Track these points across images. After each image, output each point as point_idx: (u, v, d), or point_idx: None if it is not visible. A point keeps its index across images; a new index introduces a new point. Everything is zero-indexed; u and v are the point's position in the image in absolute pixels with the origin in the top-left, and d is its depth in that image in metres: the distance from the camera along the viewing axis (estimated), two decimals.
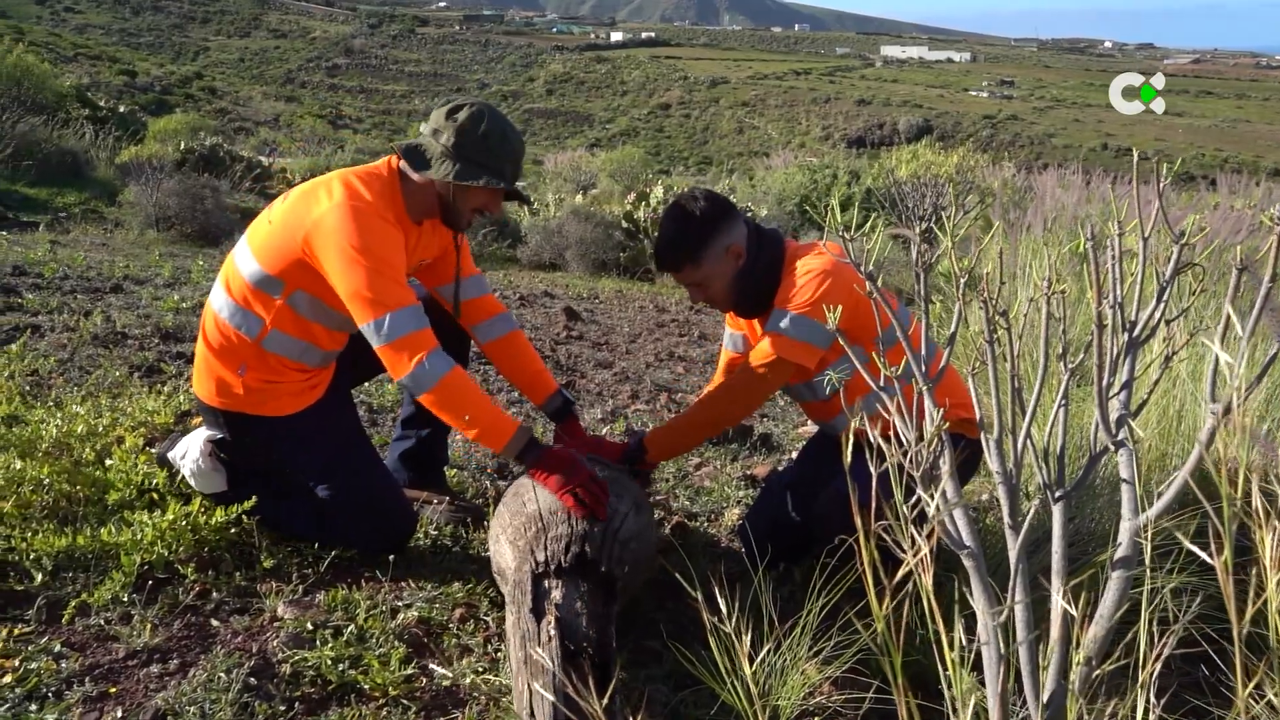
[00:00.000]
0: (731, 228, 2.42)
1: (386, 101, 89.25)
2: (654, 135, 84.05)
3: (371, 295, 2.16)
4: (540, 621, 1.79)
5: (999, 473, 1.59)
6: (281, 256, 2.28)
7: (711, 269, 2.42)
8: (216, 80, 60.06)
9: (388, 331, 2.16)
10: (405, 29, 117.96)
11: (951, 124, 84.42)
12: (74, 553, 2.23)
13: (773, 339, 2.36)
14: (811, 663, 1.95)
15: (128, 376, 3.70)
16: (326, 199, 2.25)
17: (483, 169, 2.35)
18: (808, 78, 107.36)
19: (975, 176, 8.73)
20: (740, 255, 2.43)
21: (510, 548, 2.10)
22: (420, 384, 2.19)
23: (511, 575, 2.01)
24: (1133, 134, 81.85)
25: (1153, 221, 1.55)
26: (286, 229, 2.28)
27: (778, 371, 2.40)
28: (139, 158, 10.58)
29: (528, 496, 2.21)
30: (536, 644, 1.73)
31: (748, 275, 2.43)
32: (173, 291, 5.57)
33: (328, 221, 2.20)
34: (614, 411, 4.27)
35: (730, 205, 2.47)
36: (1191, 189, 15.82)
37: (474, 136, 2.33)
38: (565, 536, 2.01)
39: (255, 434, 2.38)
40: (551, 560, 1.94)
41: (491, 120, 2.37)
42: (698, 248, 2.39)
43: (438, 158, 2.35)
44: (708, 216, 2.38)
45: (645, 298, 7.88)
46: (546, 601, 1.85)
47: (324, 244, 2.20)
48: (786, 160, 17.54)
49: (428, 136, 2.39)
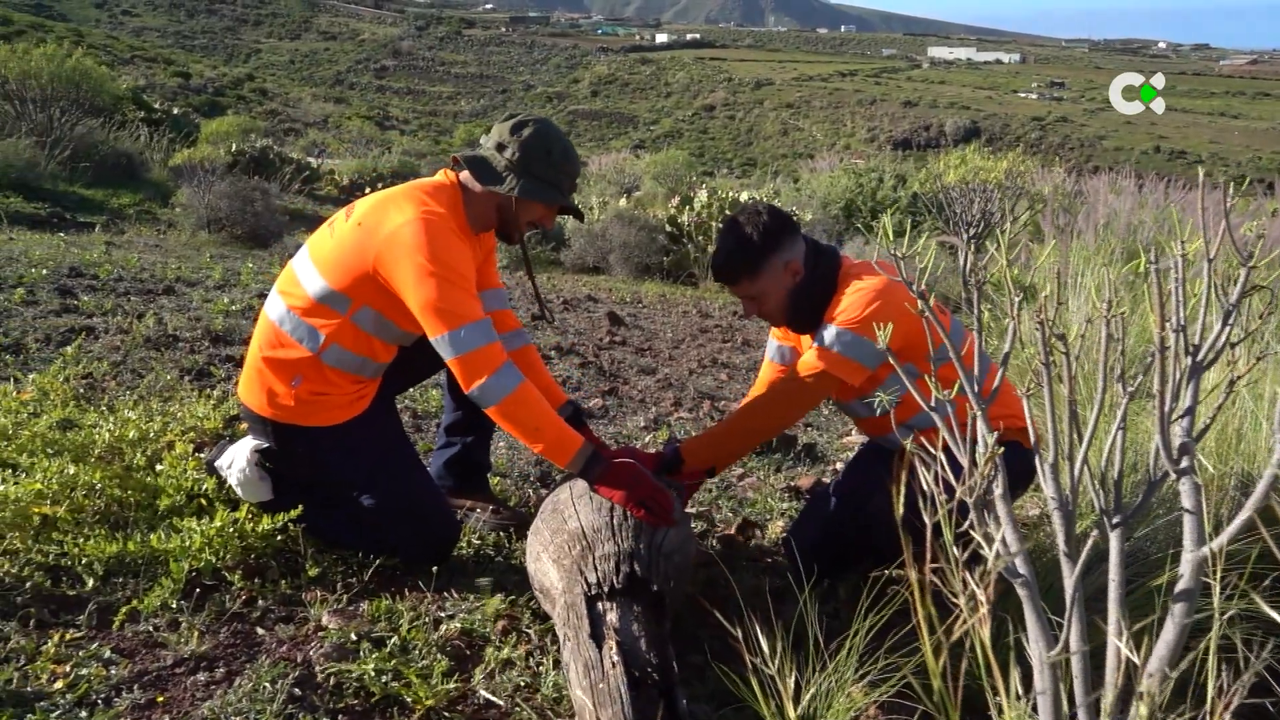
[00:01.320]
0: (791, 244, 2.43)
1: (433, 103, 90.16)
2: (698, 137, 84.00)
3: (444, 308, 2.19)
4: (601, 648, 1.77)
5: (1054, 498, 1.55)
6: (348, 272, 2.29)
7: (768, 284, 2.43)
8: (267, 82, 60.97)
9: (460, 345, 2.19)
10: (452, 31, 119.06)
11: (999, 126, 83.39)
12: (124, 558, 2.26)
13: (820, 353, 2.36)
14: (858, 685, 1.92)
15: (178, 380, 3.76)
16: (398, 214, 2.27)
17: (547, 185, 2.43)
18: (853, 79, 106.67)
19: (1025, 182, 8.59)
20: (798, 272, 2.44)
21: (555, 566, 2.08)
22: (490, 397, 2.22)
23: (560, 596, 2.00)
24: (1186, 137, 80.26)
25: (1218, 239, 1.50)
26: (356, 245, 2.29)
27: (821, 385, 2.40)
28: (192, 160, 10.77)
29: (568, 512, 2.20)
30: (600, 672, 1.72)
31: (803, 291, 2.45)
32: (223, 294, 5.65)
33: (401, 236, 2.22)
34: (656, 419, 4.26)
35: (791, 222, 2.48)
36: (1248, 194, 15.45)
37: (539, 153, 2.40)
38: (613, 555, 2.00)
39: (302, 444, 2.40)
40: (604, 581, 1.92)
41: (554, 138, 2.45)
42: (757, 262, 2.41)
43: (503, 172, 2.41)
44: (769, 231, 2.40)
45: (688, 302, 7.86)
46: (604, 626, 1.84)
47: (396, 258, 2.21)
48: (832, 163, 17.39)
49: (491, 150, 2.43)
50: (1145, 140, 77.98)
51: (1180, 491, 1.45)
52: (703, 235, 9.10)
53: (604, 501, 2.19)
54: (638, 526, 2.13)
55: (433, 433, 3.65)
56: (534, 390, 2.28)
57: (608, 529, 2.09)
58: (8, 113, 10.83)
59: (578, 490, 2.27)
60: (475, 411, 2.89)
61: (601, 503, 2.19)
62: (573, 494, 2.26)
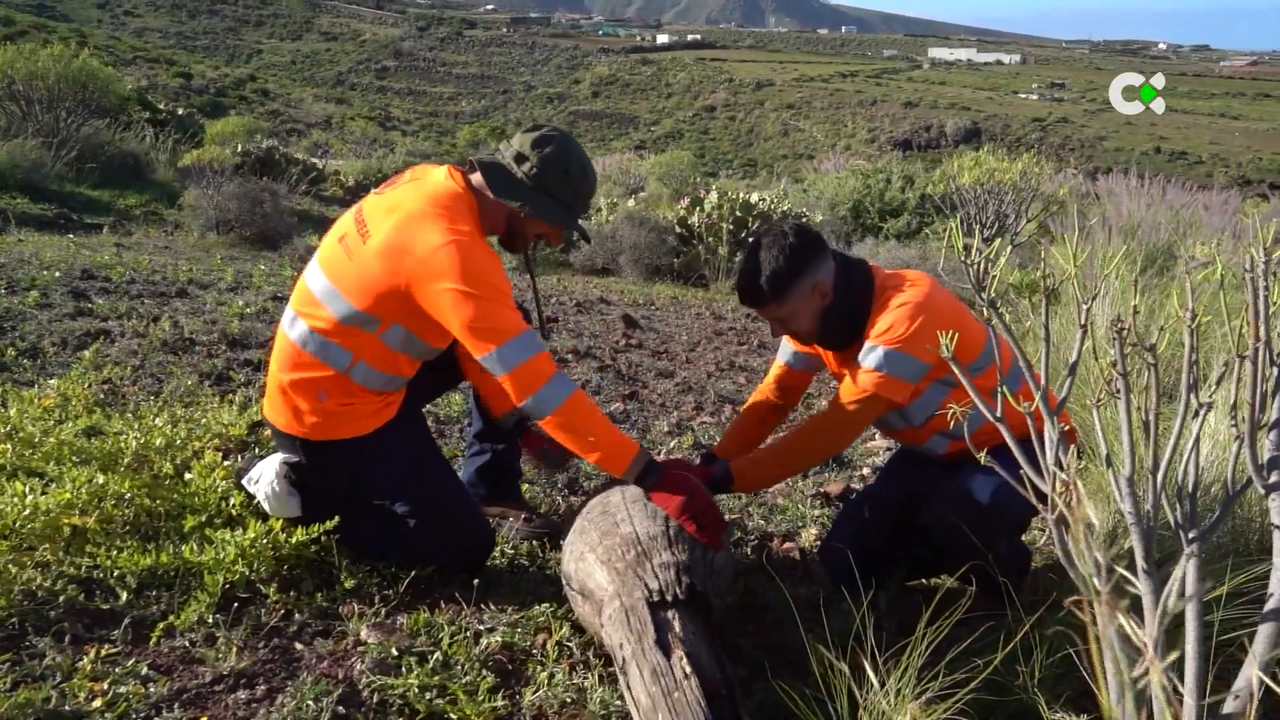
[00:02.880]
0: (819, 265, 2.36)
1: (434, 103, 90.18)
2: (699, 137, 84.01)
3: (486, 326, 2.13)
4: (670, 657, 1.73)
5: (1131, 514, 1.50)
6: (375, 293, 2.20)
7: (795, 306, 2.37)
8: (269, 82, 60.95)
9: (508, 361, 2.14)
10: (453, 31, 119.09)
11: (1000, 127, 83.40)
12: (157, 570, 2.21)
13: (868, 375, 2.31)
14: (917, 702, 1.87)
15: (198, 384, 3.71)
16: (427, 236, 2.16)
17: (561, 206, 2.40)
18: (854, 80, 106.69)
19: (1038, 183, 8.56)
20: (826, 294, 2.37)
21: (604, 568, 2.04)
22: (543, 409, 2.18)
23: (611, 599, 1.95)
24: (1187, 138, 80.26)
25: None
26: (383, 268, 2.18)
27: (872, 407, 2.35)
28: (200, 161, 10.72)
29: (620, 516, 2.15)
30: (671, 680, 1.68)
31: (833, 313, 2.38)
32: (236, 296, 5.60)
33: (436, 262, 2.13)
34: (680, 424, 4.21)
35: (819, 242, 2.40)
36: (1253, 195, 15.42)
37: (558, 172, 2.37)
38: (673, 565, 1.96)
39: (331, 457, 2.34)
40: (667, 590, 1.89)
41: (574, 157, 2.41)
42: (783, 286, 2.33)
43: (519, 184, 2.36)
44: (795, 252, 2.32)
45: (701, 304, 7.81)
46: (670, 634, 1.80)
47: (433, 286, 2.14)
48: (837, 164, 17.35)
49: (510, 160, 2.39)
50: (1146, 141, 77.96)
51: (1271, 508, 1.40)
52: (713, 237, 9.05)
53: (658, 510, 2.16)
54: (691, 539, 2.09)
55: (455, 438, 3.61)
56: (586, 398, 2.24)
57: (664, 538, 2.05)
58: (14, 113, 10.78)
59: (630, 495, 2.23)
60: None
61: (655, 511, 2.15)
62: (625, 498, 2.22)
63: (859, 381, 2.32)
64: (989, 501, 2.28)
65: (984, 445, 2.45)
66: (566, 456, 2.82)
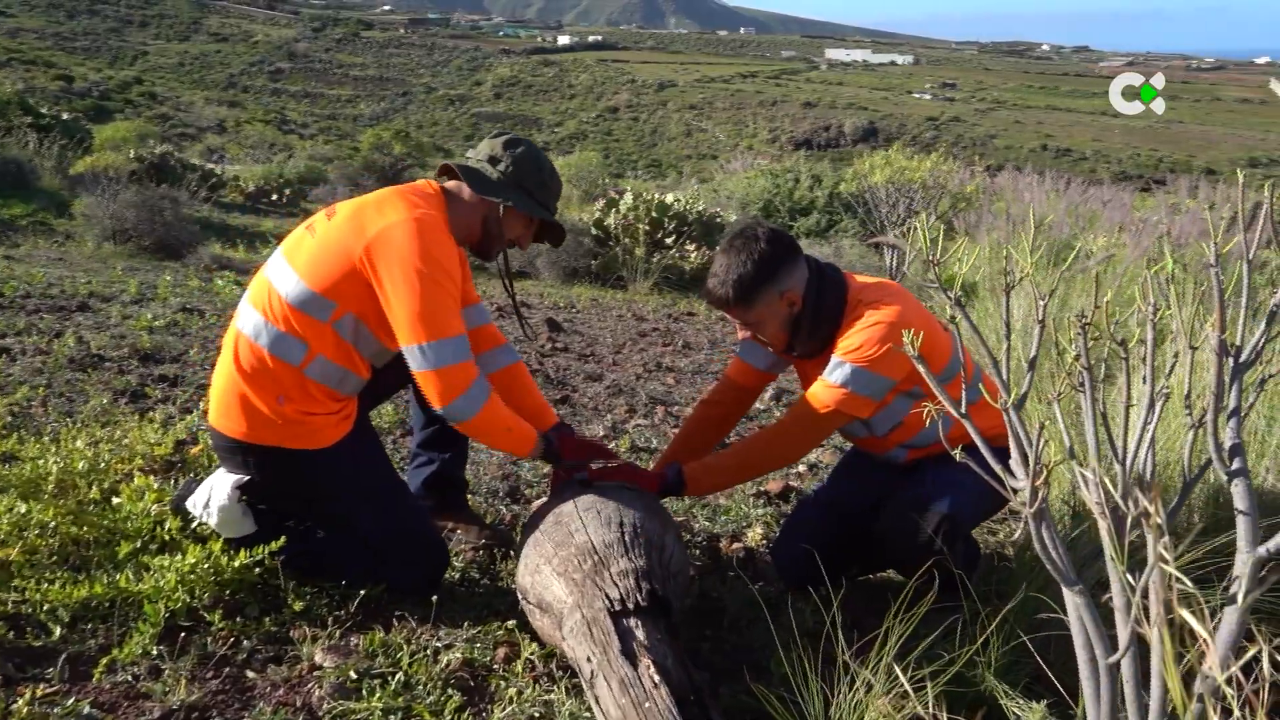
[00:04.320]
0: (790, 272, 2.33)
1: (332, 106, 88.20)
2: (603, 138, 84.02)
3: (425, 314, 2.12)
4: (637, 667, 1.71)
5: (1098, 504, 1.54)
6: (332, 271, 2.19)
7: (762, 313, 2.35)
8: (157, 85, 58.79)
9: (434, 358, 2.14)
10: (349, 33, 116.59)
11: (896, 126, 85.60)
12: (90, 602, 2.09)
13: (832, 390, 2.31)
14: (886, 698, 1.88)
15: (113, 403, 3.53)
16: (391, 213, 2.21)
17: (536, 201, 2.45)
18: (754, 80, 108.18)
19: (947, 181, 8.81)
20: (795, 303, 2.35)
21: (561, 580, 2.00)
22: (460, 415, 2.20)
23: (571, 611, 1.92)
24: (1071, 135, 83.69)
25: (1255, 241, 1.50)
26: (341, 243, 2.20)
27: (833, 421, 2.36)
28: (95, 168, 10.23)
29: (574, 525, 2.12)
30: (641, 691, 1.65)
31: (802, 321, 2.37)
32: (142, 309, 5.36)
33: (393, 234, 2.16)
34: (615, 427, 4.18)
35: (791, 248, 2.36)
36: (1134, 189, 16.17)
37: (532, 169, 2.43)
38: (631, 571, 1.93)
39: (289, 470, 2.25)
40: (628, 598, 1.86)
41: (544, 157, 2.51)
42: (750, 291, 2.31)
43: (495, 183, 2.40)
44: (765, 259, 2.29)
45: (621, 306, 7.79)
46: (634, 643, 1.77)
47: (386, 256, 2.14)
48: (745, 164, 17.55)
49: (483, 162, 2.43)
50: (1033, 139, 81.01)
51: (1233, 493, 1.45)
52: (630, 238, 9.05)
53: (611, 516, 2.13)
54: (647, 544, 2.07)
55: (389, 449, 3.51)
56: (500, 403, 2.27)
57: (619, 544, 2.03)
58: None
59: (582, 503, 2.20)
60: (450, 428, 2.78)
61: (609, 517, 2.13)
62: (577, 507, 2.19)
63: (822, 395, 2.32)
64: (949, 511, 2.30)
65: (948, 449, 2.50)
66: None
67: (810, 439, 2.42)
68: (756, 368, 2.71)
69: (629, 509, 2.17)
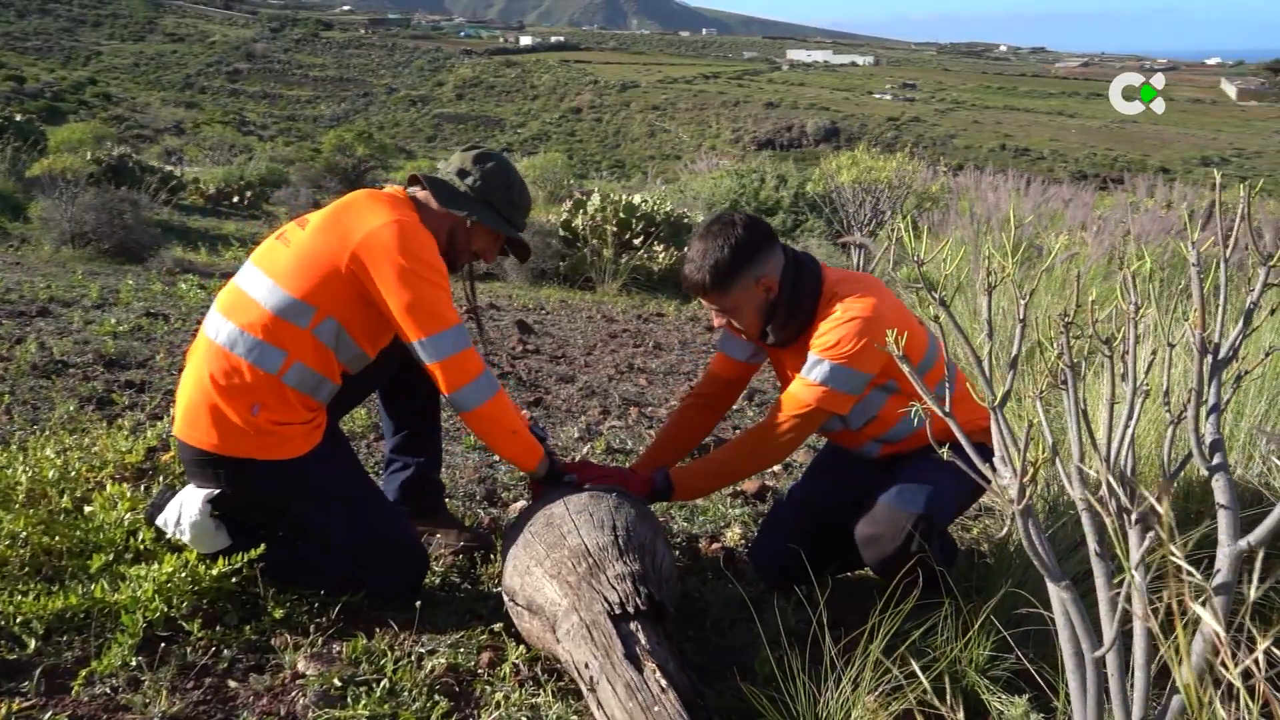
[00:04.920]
0: (766, 258, 2.34)
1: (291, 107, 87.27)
2: (566, 139, 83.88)
3: (426, 310, 2.18)
4: (642, 671, 1.70)
5: (1082, 500, 1.56)
6: (314, 275, 2.18)
7: (738, 298, 2.36)
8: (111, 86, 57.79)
9: (443, 348, 2.20)
10: (308, 33, 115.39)
11: (857, 126, 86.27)
12: (65, 614, 2.05)
13: (811, 388, 2.32)
14: (873, 695, 1.90)
15: (79, 410, 3.47)
16: (372, 217, 2.22)
17: (502, 217, 2.46)
18: (717, 81, 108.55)
19: (912, 181, 8.91)
20: (771, 289, 2.36)
21: (554, 582, 1.99)
22: (471, 402, 2.25)
23: (564, 613, 1.92)
24: (1029, 134, 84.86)
25: (1232, 239, 1.53)
26: (325, 248, 2.20)
27: (814, 419, 2.38)
28: (52, 170, 10.04)
29: (566, 528, 2.11)
30: (648, 695, 1.65)
31: (777, 309, 2.38)
32: (105, 314, 5.27)
33: (380, 237, 2.18)
34: (589, 429, 4.18)
35: (768, 235, 2.38)
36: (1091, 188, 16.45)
37: (500, 185, 2.45)
38: (628, 575, 1.93)
39: (262, 481, 2.21)
40: (627, 602, 1.86)
41: (514, 173, 2.52)
42: (726, 277, 2.31)
43: (463, 197, 2.42)
44: (742, 245, 2.30)
45: (591, 307, 7.78)
46: (638, 647, 1.77)
47: (376, 259, 2.17)
48: (710, 164, 17.61)
49: (452, 175, 2.45)
50: (992, 139, 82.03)
51: (1215, 488, 1.48)
52: (598, 239, 9.04)
53: (603, 519, 2.13)
54: (640, 548, 2.07)
55: (361, 453, 3.48)
56: (508, 397, 2.34)
57: (614, 548, 2.02)
58: None
59: (574, 506, 2.19)
60: (422, 430, 2.77)
61: (602, 520, 2.12)
62: (569, 509, 2.18)
63: (802, 394, 2.34)
64: (924, 511, 2.32)
65: (920, 444, 2.52)
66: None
67: (794, 438, 2.42)
68: (737, 359, 2.72)
69: (620, 512, 2.16)
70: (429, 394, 2.67)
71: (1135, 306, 1.50)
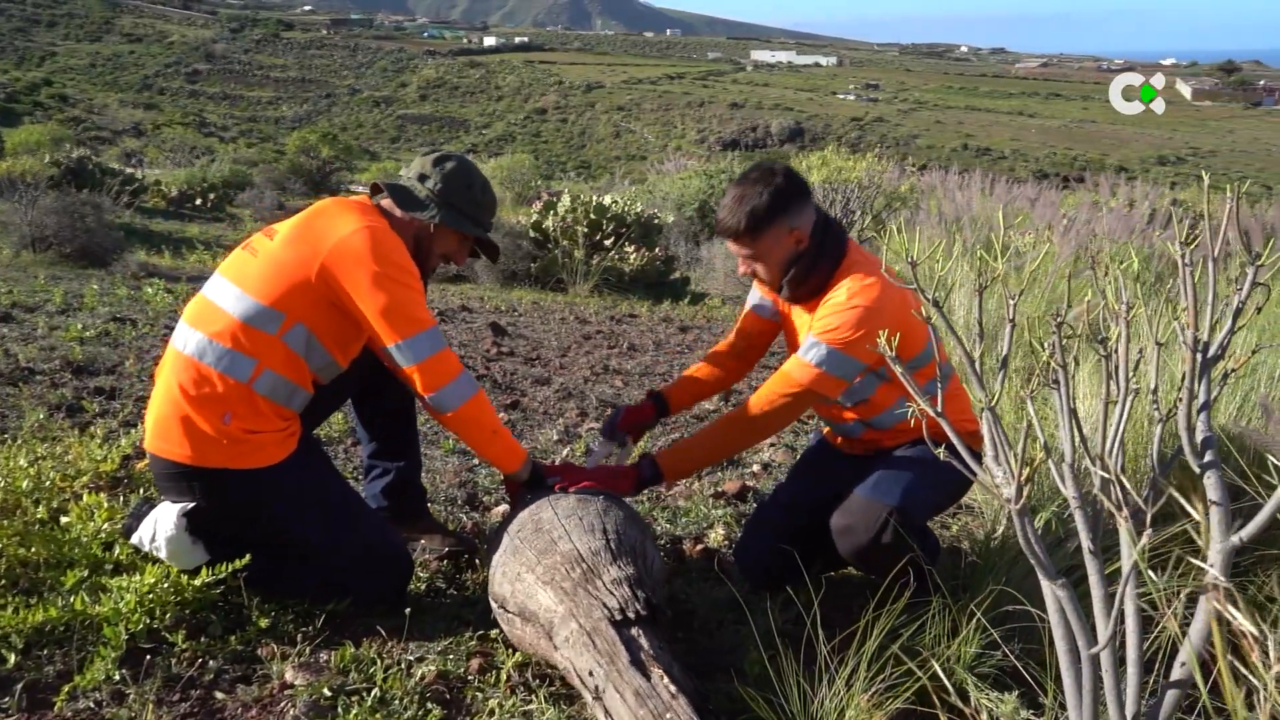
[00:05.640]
0: (800, 211, 2.37)
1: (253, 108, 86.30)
2: (531, 140, 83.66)
3: (401, 313, 2.17)
4: (649, 677, 1.70)
5: (1075, 498, 1.57)
6: (283, 283, 2.17)
7: (768, 246, 2.37)
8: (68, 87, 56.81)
9: (419, 350, 2.19)
10: (269, 33, 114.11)
11: (821, 126, 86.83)
12: (44, 626, 2.01)
13: (805, 369, 2.33)
14: (867, 695, 1.91)
15: (49, 418, 3.40)
16: (343, 224, 2.21)
17: (466, 217, 2.44)
18: (681, 82, 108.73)
19: (881, 181, 8.97)
20: (801, 240, 2.38)
21: (548, 589, 1.98)
22: (450, 403, 2.24)
23: (560, 620, 1.90)
24: (990, 134, 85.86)
25: (1220, 237, 1.55)
26: (295, 257, 2.18)
27: (804, 400, 2.39)
28: (11, 173, 9.85)
29: (557, 533, 2.10)
30: (659, 703, 1.65)
31: (800, 262, 2.39)
32: (70, 319, 5.17)
33: (352, 243, 2.17)
34: (568, 431, 4.17)
35: (805, 188, 2.41)
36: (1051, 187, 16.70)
37: (461, 185, 2.43)
38: (625, 580, 1.92)
39: (236, 491, 2.18)
40: (627, 607, 1.85)
41: (475, 173, 2.49)
42: (761, 223, 2.33)
43: (425, 201, 2.40)
44: (780, 193, 2.32)
45: (563, 309, 7.76)
46: (642, 653, 1.76)
47: (348, 265, 2.16)
48: (678, 165, 17.64)
49: (413, 180, 2.43)
50: (954, 138, 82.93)
51: (1206, 485, 1.50)
52: (568, 240, 9.02)
53: (594, 523, 2.12)
54: (631, 551, 2.06)
55: (339, 459, 3.45)
56: (486, 399, 2.34)
57: (606, 552, 2.01)
58: None
59: (563, 510, 2.18)
60: (397, 434, 2.74)
61: (592, 524, 2.11)
62: (558, 514, 2.17)
63: (796, 374, 2.35)
64: (898, 504, 2.34)
65: (906, 438, 2.54)
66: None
67: (782, 416, 2.43)
68: (762, 316, 2.78)
69: (609, 515, 2.16)
70: (399, 396, 2.64)
71: (1127, 306, 1.51)
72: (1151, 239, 6.82)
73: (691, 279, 9.78)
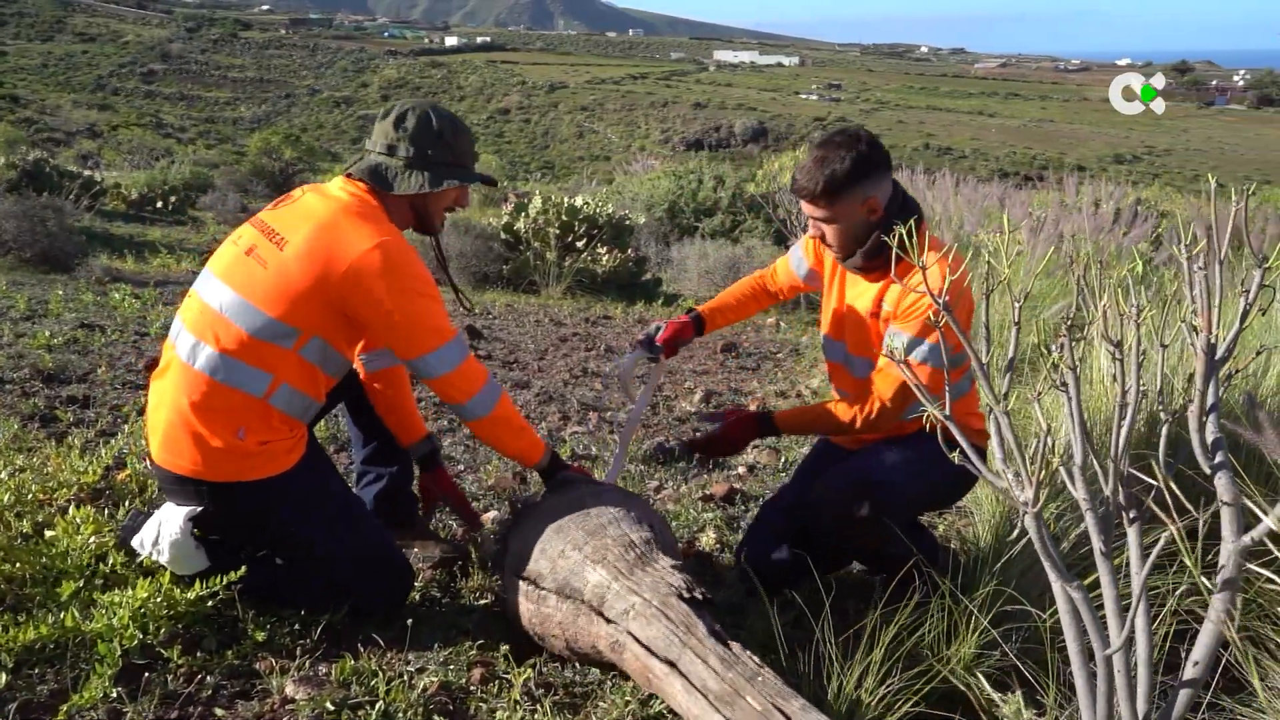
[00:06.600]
0: (879, 180, 2.34)
1: (210, 109, 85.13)
2: (494, 140, 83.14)
3: (430, 325, 2.16)
4: (730, 647, 1.80)
5: (1085, 500, 1.59)
6: (296, 301, 2.09)
7: (842, 211, 2.34)
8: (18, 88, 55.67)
9: (450, 359, 2.19)
10: (226, 33, 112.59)
11: (785, 126, 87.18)
12: (34, 644, 1.96)
13: (919, 369, 2.26)
14: (876, 696, 1.91)
15: (23, 428, 3.32)
16: (356, 239, 2.11)
17: (451, 169, 2.32)
18: (644, 82, 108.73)
19: None
20: (875, 211, 2.35)
21: (600, 566, 2.04)
22: (481, 410, 2.26)
23: (614, 596, 1.97)
24: (951, 134, 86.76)
25: (1224, 239, 1.57)
26: (308, 272, 2.09)
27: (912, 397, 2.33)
28: None
29: (605, 519, 2.18)
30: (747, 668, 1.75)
31: (872, 231, 2.36)
32: (37, 326, 5.06)
33: (371, 262, 2.09)
34: (551, 434, 4.14)
35: (886, 159, 2.39)
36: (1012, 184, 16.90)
37: (430, 139, 2.28)
38: (678, 569, 2.00)
39: (244, 499, 2.14)
40: (694, 589, 1.93)
41: (438, 116, 2.32)
42: (840, 187, 2.30)
43: (403, 172, 2.27)
44: (862, 159, 2.29)
45: (537, 311, 7.72)
46: (718, 628, 1.86)
47: (370, 285, 2.10)
48: (645, 165, 17.63)
49: (382, 154, 2.29)
50: (915, 138, 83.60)
51: (1217, 486, 1.51)
52: (540, 242, 8.97)
53: (640, 517, 2.23)
54: (669, 549, 2.16)
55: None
56: (509, 398, 2.36)
57: (656, 544, 2.11)
58: None
59: (610, 500, 2.27)
60: (391, 439, 2.71)
61: (639, 517, 2.22)
62: (604, 504, 2.24)
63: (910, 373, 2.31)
64: (878, 478, 2.37)
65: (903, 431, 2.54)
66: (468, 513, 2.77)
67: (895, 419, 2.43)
68: (798, 276, 2.82)
69: (653, 515, 2.30)
70: None
71: (1137, 309, 1.52)
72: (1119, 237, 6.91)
73: (663, 280, 9.77)
